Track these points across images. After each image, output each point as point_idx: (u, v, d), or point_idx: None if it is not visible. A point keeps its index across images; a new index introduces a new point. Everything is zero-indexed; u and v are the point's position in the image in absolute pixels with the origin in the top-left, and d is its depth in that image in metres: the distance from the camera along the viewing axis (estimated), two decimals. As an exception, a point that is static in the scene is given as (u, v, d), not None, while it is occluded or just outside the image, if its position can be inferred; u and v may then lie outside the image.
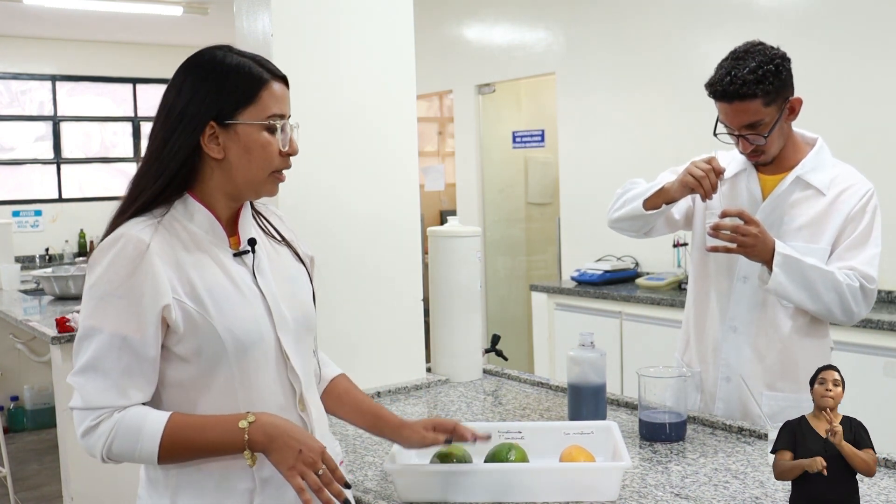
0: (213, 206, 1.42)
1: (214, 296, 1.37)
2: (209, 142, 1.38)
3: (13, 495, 4.09)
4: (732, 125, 2.00)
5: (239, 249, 1.45)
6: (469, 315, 2.52)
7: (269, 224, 1.56)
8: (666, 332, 4.00)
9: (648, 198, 2.08)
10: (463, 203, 6.18)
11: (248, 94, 1.39)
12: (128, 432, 1.31)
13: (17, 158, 7.84)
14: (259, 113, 1.39)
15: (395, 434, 1.61)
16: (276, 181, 1.45)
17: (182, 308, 1.34)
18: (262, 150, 1.40)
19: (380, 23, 2.43)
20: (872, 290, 1.98)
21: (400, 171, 2.48)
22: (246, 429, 1.32)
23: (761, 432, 1.91)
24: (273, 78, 1.42)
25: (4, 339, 4.86)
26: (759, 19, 4.20)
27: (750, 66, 1.93)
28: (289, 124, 1.44)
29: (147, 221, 1.37)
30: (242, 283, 1.41)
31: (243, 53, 1.43)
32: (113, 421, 1.31)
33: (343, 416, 1.67)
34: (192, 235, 1.40)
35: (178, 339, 1.35)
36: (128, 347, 1.31)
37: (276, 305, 1.43)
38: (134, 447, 1.31)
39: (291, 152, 1.43)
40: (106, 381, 1.31)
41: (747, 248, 1.92)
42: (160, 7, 6.50)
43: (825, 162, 2.07)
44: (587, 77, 5.17)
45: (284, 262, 1.52)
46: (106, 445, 1.31)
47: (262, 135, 1.40)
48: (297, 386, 1.45)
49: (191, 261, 1.37)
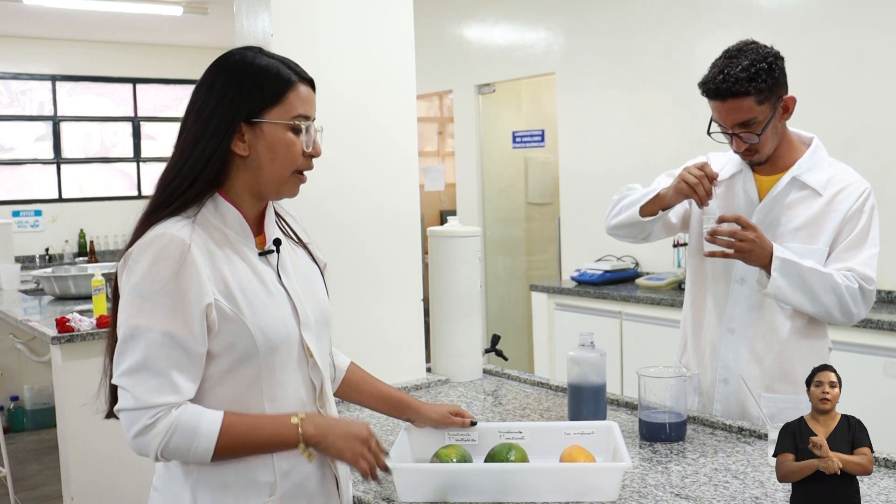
0: (239, 204, 1.45)
1: (247, 295, 1.39)
2: (236, 139, 1.41)
3: (13, 495, 4.09)
4: (726, 123, 2.00)
5: (264, 249, 1.47)
6: (469, 315, 2.52)
7: (287, 225, 1.59)
8: (666, 333, 4.00)
9: (644, 204, 2.09)
10: (463, 203, 6.18)
11: (276, 95, 1.41)
12: (186, 431, 1.32)
13: (17, 158, 7.84)
14: (285, 113, 1.42)
15: (416, 413, 1.75)
16: (298, 182, 1.47)
17: (218, 307, 1.36)
18: (287, 150, 1.42)
19: (380, 23, 2.43)
20: (871, 290, 1.98)
21: (400, 171, 2.49)
22: (298, 424, 1.37)
23: (761, 432, 1.91)
24: (300, 80, 1.45)
25: (4, 339, 4.86)
26: (759, 19, 4.20)
27: (743, 64, 1.93)
28: (313, 126, 1.47)
29: (183, 221, 1.38)
30: (270, 283, 1.44)
31: (272, 55, 1.46)
32: (171, 418, 1.31)
33: (363, 403, 1.78)
34: (224, 235, 1.42)
35: (212, 336, 1.37)
36: (177, 345, 1.32)
37: (300, 304, 1.47)
38: (190, 446, 1.32)
39: (314, 153, 1.46)
40: (159, 379, 1.32)
41: (745, 253, 1.92)
42: (160, 7, 6.50)
43: (821, 161, 2.07)
44: (587, 77, 5.17)
45: (303, 261, 1.56)
46: (163, 444, 1.32)
47: (287, 134, 1.42)
48: (317, 382, 1.49)
49: (224, 260, 1.40)
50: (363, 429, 1.43)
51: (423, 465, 1.66)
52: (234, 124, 1.39)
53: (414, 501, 1.57)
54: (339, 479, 1.52)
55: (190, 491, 1.40)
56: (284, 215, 1.61)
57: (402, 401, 1.77)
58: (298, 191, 1.49)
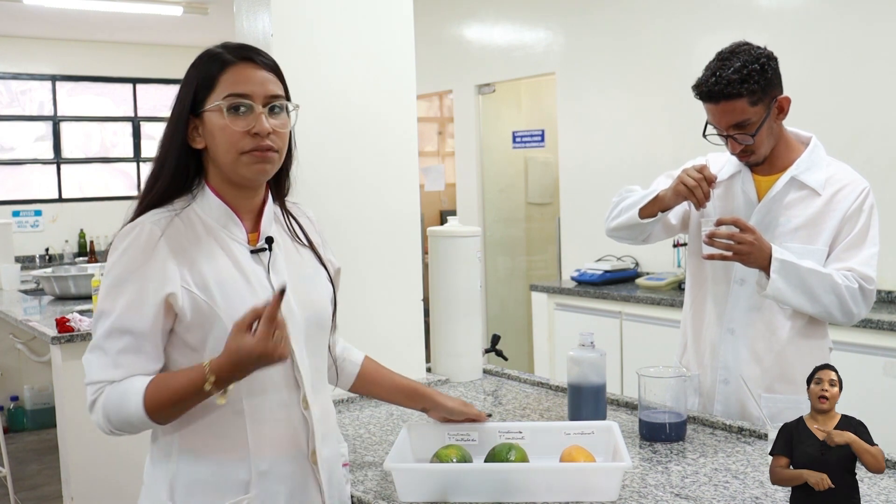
0: (224, 195, 1.46)
1: (223, 287, 1.40)
2: (193, 134, 1.44)
3: (13, 495, 4.09)
4: (720, 126, 2.00)
5: (256, 246, 1.48)
6: (469, 315, 2.52)
7: (298, 225, 1.59)
8: (666, 333, 4.00)
9: (643, 206, 2.09)
10: (463, 203, 6.18)
11: (209, 81, 1.43)
12: (117, 400, 1.36)
13: (17, 158, 7.84)
14: (217, 97, 1.42)
15: (433, 403, 1.78)
16: (254, 162, 1.42)
17: (191, 297, 1.38)
18: (222, 133, 1.41)
19: (380, 23, 2.43)
20: (871, 290, 1.98)
21: (400, 171, 2.48)
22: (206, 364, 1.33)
23: (761, 432, 1.91)
24: (237, 60, 1.43)
25: (4, 339, 4.86)
26: (758, 19, 4.20)
27: (735, 66, 1.93)
28: (256, 104, 1.41)
29: (164, 213, 1.43)
30: (254, 278, 1.44)
31: (226, 45, 1.46)
32: (106, 392, 1.37)
33: (379, 395, 1.84)
34: (208, 227, 1.45)
35: (187, 326, 1.39)
36: (129, 331, 1.37)
37: (286, 302, 1.44)
38: (125, 410, 1.36)
39: (259, 132, 1.41)
40: (106, 359, 1.38)
41: (743, 255, 1.92)
42: (160, 7, 6.50)
43: (820, 161, 2.07)
44: (587, 77, 5.17)
45: (304, 262, 1.55)
46: (105, 416, 1.37)
47: (221, 117, 1.41)
48: (301, 382, 1.47)
49: (205, 251, 1.42)
50: (242, 327, 1.31)
51: (423, 465, 1.66)
52: (184, 119, 1.43)
53: (414, 501, 1.57)
54: (321, 482, 1.49)
55: (168, 485, 1.42)
56: (300, 216, 1.61)
57: (418, 391, 1.79)
58: (262, 172, 1.44)
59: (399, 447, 1.67)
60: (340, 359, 1.76)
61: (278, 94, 1.45)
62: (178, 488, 1.42)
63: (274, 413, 1.44)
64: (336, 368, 1.74)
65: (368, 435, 2.02)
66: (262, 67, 1.45)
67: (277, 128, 1.44)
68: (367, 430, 2.06)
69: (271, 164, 1.45)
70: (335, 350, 1.74)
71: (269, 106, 1.43)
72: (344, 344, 1.80)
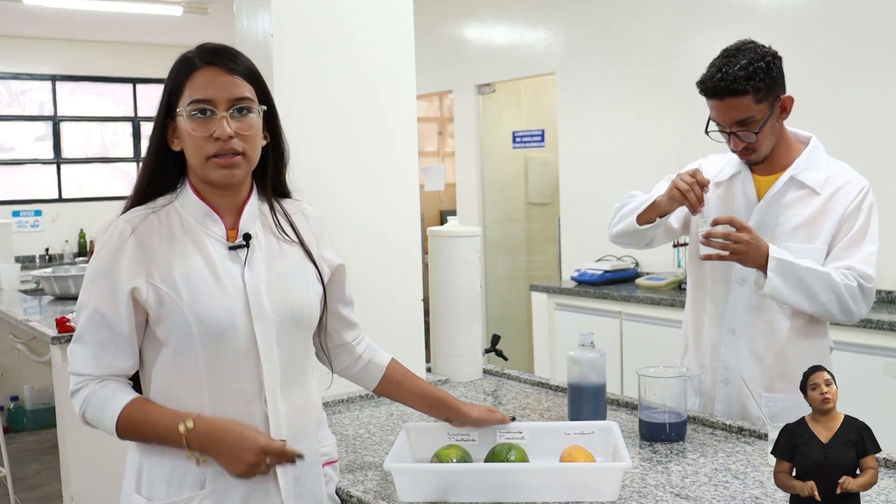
0: (203, 193, 1.50)
1: (190, 282, 1.43)
2: (172, 136, 1.49)
3: (13, 495, 4.09)
4: (723, 122, 2.01)
5: (235, 243, 1.49)
6: (469, 315, 2.52)
7: (288, 221, 1.58)
8: (666, 333, 4.00)
9: (641, 213, 2.09)
10: (463, 203, 6.18)
11: (178, 86, 1.46)
12: (97, 405, 1.45)
13: (17, 158, 7.84)
14: (184, 102, 1.45)
15: (456, 413, 1.74)
16: (218, 167, 1.45)
17: (156, 291, 1.43)
18: (189, 138, 1.45)
19: (380, 23, 2.43)
20: (871, 288, 1.98)
21: (400, 171, 2.48)
22: (184, 435, 1.39)
23: (761, 432, 1.91)
24: (203, 65, 1.45)
25: (4, 339, 4.86)
26: (758, 20, 4.20)
27: (741, 63, 1.94)
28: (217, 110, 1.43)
29: (141, 210, 1.49)
30: (225, 274, 1.46)
31: (201, 46, 1.49)
32: (89, 391, 1.46)
33: (402, 400, 1.81)
34: (186, 225, 1.48)
35: (156, 320, 1.44)
36: (105, 324, 1.44)
37: (256, 298, 1.46)
38: (100, 419, 1.45)
39: (218, 136, 1.42)
40: (86, 351, 1.46)
41: (740, 254, 1.92)
42: (160, 7, 6.50)
43: (819, 160, 2.07)
44: (587, 77, 5.17)
45: (288, 259, 1.55)
46: (82, 410, 1.47)
47: (188, 123, 1.44)
48: (267, 378, 1.47)
49: (178, 248, 1.46)
50: (252, 446, 1.39)
51: (423, 465, 1.66)
52: (160, 122, 1.49)
53: (414, 501, 1.57)
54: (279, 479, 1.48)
55: (136, 474, 1.50)
56: (294, 213, 1.60)
57: (443, 400, 1.77)
58: (228, 177, 1.46)
59: (399, 447, 1.67)
60: (365, 360, 1.76)
61: (244, 97, 1.46)
62: (143, 480, 1.49)
63: (236, 408, 1.45)
64: (359, 368, 1.76)
65: (368, 435, 2.02)
66: (229, 72, 1.45)
67: (240, 130, 1.45)
68: (367, 430, 2.06)
69: (237, 167, 1.46)
70: (358, 348, 1.75)
71: (235, 108, 1.44)
72: (369, 343, 1.79)
